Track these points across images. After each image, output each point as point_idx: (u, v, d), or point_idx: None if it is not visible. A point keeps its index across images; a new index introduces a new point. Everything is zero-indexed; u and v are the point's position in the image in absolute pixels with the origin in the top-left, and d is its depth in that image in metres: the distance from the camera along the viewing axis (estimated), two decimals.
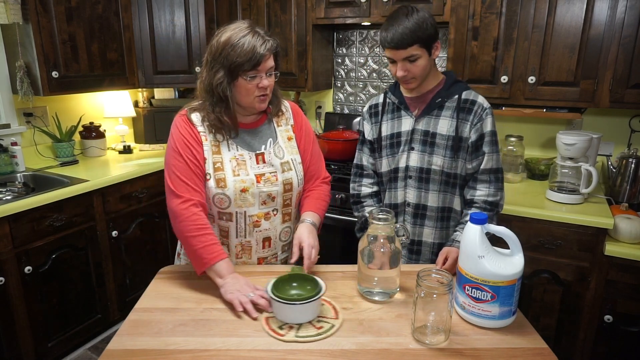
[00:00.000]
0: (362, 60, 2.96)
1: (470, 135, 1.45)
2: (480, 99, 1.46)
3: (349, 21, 2.55)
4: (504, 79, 2.19)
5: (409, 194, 1.53)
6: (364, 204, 1.65)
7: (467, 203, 1.51)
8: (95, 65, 2.61)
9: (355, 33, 2.94)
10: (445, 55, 2.65)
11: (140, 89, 3.15)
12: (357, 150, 1.68)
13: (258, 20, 2.79)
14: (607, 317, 1.89)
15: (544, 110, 2.20)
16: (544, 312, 2.03)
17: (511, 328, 1.10)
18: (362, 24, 2.66)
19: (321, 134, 2.99)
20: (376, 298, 1.22)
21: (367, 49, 2.92)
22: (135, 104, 3.20)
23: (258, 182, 1.33)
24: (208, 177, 1.32)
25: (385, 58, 1.44)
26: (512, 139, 2.35)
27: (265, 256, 1.43)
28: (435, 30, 1.39)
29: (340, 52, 3.02)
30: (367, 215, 1.50)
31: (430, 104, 1.48)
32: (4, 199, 2.12)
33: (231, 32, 1.24)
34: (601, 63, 2.00)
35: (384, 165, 1.57)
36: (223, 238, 1.39)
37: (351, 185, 1.70)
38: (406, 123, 1.51)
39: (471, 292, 1.09)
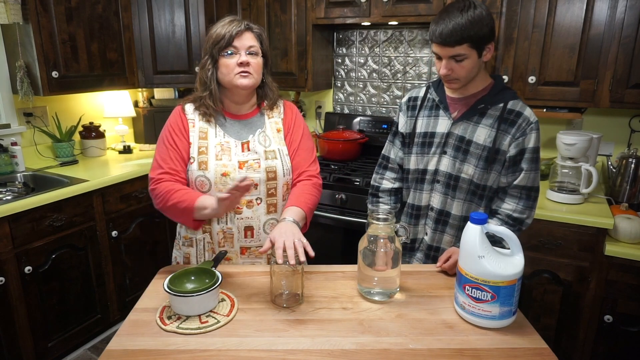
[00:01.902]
0: (362, 60, 2.96)
1: (509, 149, 1.35)
2: (527, 112, 1.34)
3: (349, 21, 2.55)
4: (504, 78, 2.19)
5: (434, 199, 1.47)
6: (380, 199, 1.59)
7: (491, 213, 1.43)
8: (95, 65, 2.61)
9: (355, 33, 2.94)
10: None
11: (140, 89, 3.15)
12: (387, 141, 1.60)
13: (258, 20, 2.79)
14: (607, 317, 1.89)
15: (544, 110, 2.20)
16: (544, 312, 2.03)
17: (511, 328, 1.10)
18: (362, 24, 2.66)
19: (321, 134, 2.99)
20: (376, 298, 1.21)
21: (367, 49, 2.92)
22: (135, 104, 3.20)
23: (240, 168, 1.36)
24: (192, 160, 1.37)
25: (433, 54, 1.35)
26: None
27: (249, 246, 1.42)
28: (491, 30, 1.28)
29: (340, 52, 3.02)
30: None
31: (472, 108, 1.38)
32: (4, 199, 2.12)
33: (213, 27, 1.37)
34: (601, 63, 2.00)
35: (412, 163, 1.50)
36: (205, 225, 1.41)
37: (373, 175, 1.63)
38: (442, 124, 1.43)
39: (471, 292, 1.09)
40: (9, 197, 2.15)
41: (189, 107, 1.42)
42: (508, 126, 1.35)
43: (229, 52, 1.32)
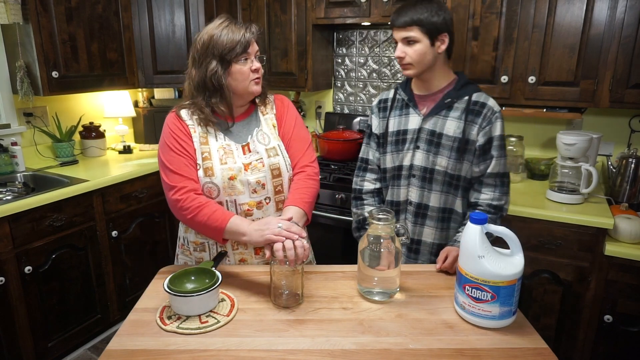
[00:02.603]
0: (362, 60, 2.96)
1: (477, 139, 1.43)
2: (491, 102, 1.44)
3: (349, 21, 2.55)
4: (504, 79, 2.19)
5: (412, 193, 1.53)
6: (365, 202, 1.64)
7: (471, 205, 1.49)
8: (95, 65, 2.61)
9: (355, 33, 2.94)
10: None
11: (140, 89, 3.15)
12: (363, 144, 1.67)
13: (258, 20, 2.80)
14: (607, 317, 1.89)
15: (544, 110, 2.20)
16: (544, 312, 2.03)
17: (511, 328, 1.10)
18: (362, 24, 2.65)
19: (321, 133, 2.99)
20: (376, 298, 1.22)
21: (367, 49, 2.92)
22: (135, 104, 3.21)
23: (246, 170, 1.35)
24: (198, 167, 1.35)
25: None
26: (512, 139, 2.35)
27: (262, 246, 1.42)
28: (444, 22, 1.38)
29: (340, 52, 3.02)
30: (367, 215, 1.53)
31: (439, 103, 1.46)
32: (4, 199, 2.12)
33: (213, 28, 1.31)
34: (601, 63, 2.00)
35: (388, 162, 1.57)
36: None
37: (354, 179, 1.69)
38: (413, 121, 1.50)
39: (471, 292, 1.09)
40: (9, 197, 2.15)
41: (185, 113, 1.38)
42: (474, 117, 1.43)
43: (245, 58, 1.31)
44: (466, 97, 1.45)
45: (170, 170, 1.33)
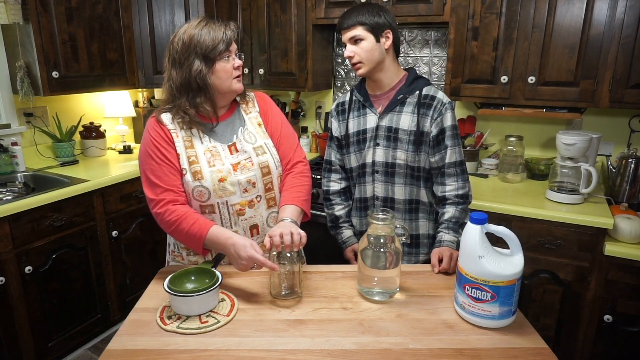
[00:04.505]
0: None
1: (431, 130, 1.49)
2: (440, 95, 1.50)
3: None
4: (504, 79, 2.19)
5: (377, 188, 1.58)
6: (332, 202, 1.72)
7: (440, 200, 1.54)
8: (96, 65, 2.61)
9: None
10: (445, 56, 2.65)
11: (140, 89, 3.15)
12: (327, 146, 1.74)
13: (258, 20, 2.80)
14: (607, 317, 1.89)
15: (544, 110, 2.20)
16: (544, 312, 2.03)
17: (511, 328, 1.10)
18: None
19: (321, 133, 2.99)
20: (376, 298, 1.22)
21: None
22: (135, 104, 3.21)
23: (235, 170, 1.35)
24: (184, 172, 1.33)
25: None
26: (512, 139, 2.35)
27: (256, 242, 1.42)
28: (386, 20, 1.46)
29: (340, 52, 3.02)
30: (337, 215, 1.68)
31: (393, 100, 1.52)
32: (4, 199, 2.12)
33: (190, 28, 1.31)
34: (601, 63, 2.00)
35: (353, 161, 1.63)
36: None
37: (322, 180, 1.76)
38: (371, 120, 1.56)
39: (471, 292, 1.09)
40: (9, 197, 2.15)
41: (166, 117, 1.35)
42: (426, 109, 1.49)
43: (227, 56, 1.31)
44: (417, 92, 1.51)
45: (150, 181, 1.31)
